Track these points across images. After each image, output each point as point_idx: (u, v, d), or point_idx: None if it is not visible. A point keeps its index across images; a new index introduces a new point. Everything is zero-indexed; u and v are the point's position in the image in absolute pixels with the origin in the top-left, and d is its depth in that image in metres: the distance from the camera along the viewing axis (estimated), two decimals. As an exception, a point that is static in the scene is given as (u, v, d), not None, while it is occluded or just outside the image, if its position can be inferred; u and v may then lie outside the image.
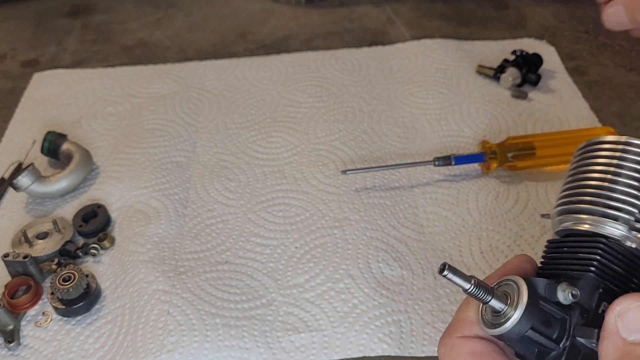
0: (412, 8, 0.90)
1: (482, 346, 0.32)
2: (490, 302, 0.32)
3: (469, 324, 0.33)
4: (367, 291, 0.51)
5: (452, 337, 0.33)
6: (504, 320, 0.31)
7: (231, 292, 0.51)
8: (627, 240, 0.34)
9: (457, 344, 0.33)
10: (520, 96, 0.71)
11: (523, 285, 0.32)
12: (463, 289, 0.31)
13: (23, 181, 0.57)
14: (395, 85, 0.73)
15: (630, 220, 0.34)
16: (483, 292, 0.31)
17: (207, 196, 0.60)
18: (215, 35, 0.86)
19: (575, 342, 0.31)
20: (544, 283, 0.32)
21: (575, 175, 0.36)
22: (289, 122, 0.69)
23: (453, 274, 0.31)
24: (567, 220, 0.36)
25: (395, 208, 0.58)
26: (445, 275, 0.31)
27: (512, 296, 0.32)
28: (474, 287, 0.31)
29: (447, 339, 0.34)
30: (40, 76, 0.78)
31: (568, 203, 0.36)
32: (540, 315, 0.31)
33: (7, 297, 0.51)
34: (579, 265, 0.34)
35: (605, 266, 0.33)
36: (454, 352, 0.33)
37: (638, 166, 0.34)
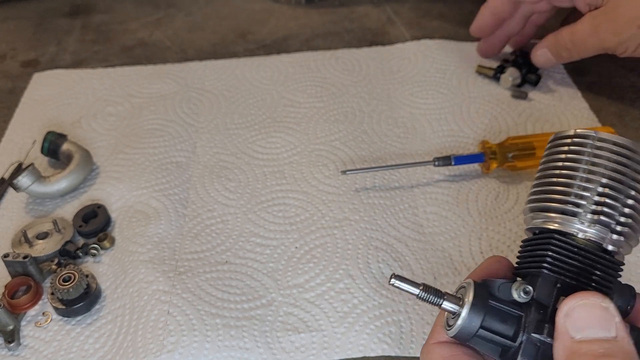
0: (412, 8, 0.90)
1: (452, 350, 0.34)
2: (443, 305, 0.33)
3: (441, 329, 0.35)
4: (367, 291, 0.51)
5: (428, 344, 0.36)
6: (457, 318, 0.33)
7: (231, 293, 0.51)
8: (581, 233, 0.34)
9: (431, 350, 0.35)
10: (520, 96, 0.71)
11: (470, 285, 0.33)
12: (414, 295, 0.33)
13: (23, 181, 0.58)
14: (395, 85, 0.73)
15: (583, 214, 0.34)
16: (433, 296, 0.33)
17: (207, 196, 0.60)
18: (215, 35, 0.86)
19: (532, 338, 0.32)
20: (499, 283, 0.33)
21: (539, 171, 0.37)
22: (289, 122, 0.69)
23: (401, 282, 0.33)
24: (528, 218, 0.37)
25: (395, 208, 0.58)
26: (393, 284, 0.33)
27: (463, 297, 0.33)
28: (423, 292, 0.33)
29: (425, 347, 0.36)
30: (40, 76, 0.78)
31: (530, 201, 0.37)
32: (492, 314, 0.32)
33: (7, 297, 0.51)
34: (536, 262, 0.34)
35: (559, 261, 0.33)
36: (428, 358, 0.35)
37: (588, 158, 0.34)
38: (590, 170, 0.34)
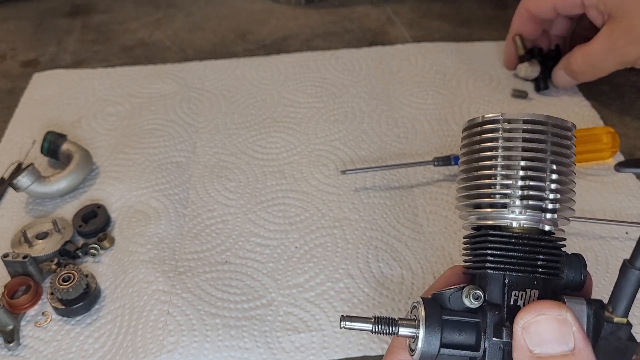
0: (412, 8, 0.90)
1: None
2: (400, 332, 0.32)
3: (397, 349, 0.35)
4: (367, 291, 0.51)
5: None
6: (416, 344, 0.31)
7: (231, 292, 0.51)
8: (515, 222, 0.32)
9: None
10: (520, 95, 0.71)
11: (420, 304, 0.32)
12: (367, 331, 0.32)
13: (23, 181, 0.57)
14: (395, 85, 0.73)
15: (511, 203, 0.32)
16: (387, 326, 0.32)
17: (207, 196, 0.60)
18: (215, 36, 0.86)
19: (494, 343, 0.31)
20: (449, 293, 0.32)
21: (459, 165, 0.35)
22: (288, 122, 0.69)
23: (351, 322, 0.32)
24: (463, 215, 0.35)
25: (395, 208, 0.58)
26: (344, 326, 0.32)
27: (417, 318, 0.32)
28: (376, 325, 0.32)
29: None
30: (40, 76, 0.78)
31: (459, 199, 0.35)
32: (449, 328, 0.31)
33: (6, 297, 0.51)
34: (479, 262, 0.33)
35: (501, 257, 0.32)
36: None
37: (502, 143, 0.32)
38: (507, 155, 0.32)
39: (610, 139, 0.60)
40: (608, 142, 0.60)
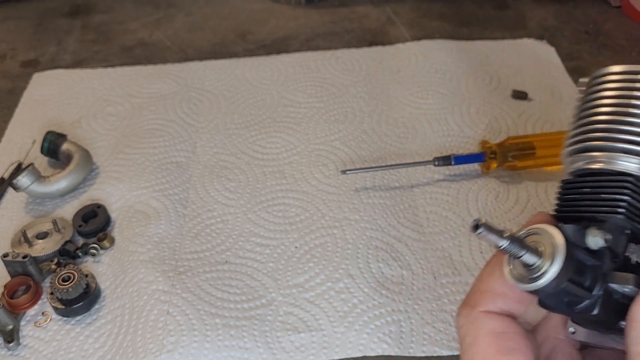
0: (412, 8, 0.90)
1: (505, 325, 0.30)
2: (523, 257, 0.29)
3: (493, 296, 0.31)
4: (367, 291, 0.51)
5: (474, 310, 0.31)
6: (539, 275, 0.29)
7: (231, 292, 0.51)
8: None
9: (479, 319, 0.31)
10: (520, 96, 0.71)
11: (558, 236, 0.29)
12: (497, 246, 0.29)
13: (23, 181, 0.57)
14: (395, 85, 0.73)
15: None
16: (517, 247, 0.29)
17: (207, 196, 0.60)
18: (215, 36, 0.86)
19: (608, 289, 0.29)
20: (573, 229, 0.30)
21: (585, 110, 0.33)
22: (289, 122, 0.69)
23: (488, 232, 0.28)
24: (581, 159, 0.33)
25: (395, 208, 0.58)
26: (479, 233, 0.28)
27: (545, 248, 0.29)
28: (509, 243, 0.29)
29: (468, 310, 0.31)
30: (40, 76, 0.78)
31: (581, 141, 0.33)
32: (574, 265, 0.29)
33: (6, 297, 0.51)
34: (604, 207, 0.31)
35: (634, 207, 0.30)
36: (474, 328, 0.31)
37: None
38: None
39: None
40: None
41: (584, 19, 0.85)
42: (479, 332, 0.30)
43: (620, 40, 0.80)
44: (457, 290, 0.51)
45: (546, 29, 0.84)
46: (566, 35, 0.82)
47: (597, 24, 0.84)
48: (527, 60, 0.77)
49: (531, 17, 0.86)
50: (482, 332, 0.30)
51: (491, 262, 0.32)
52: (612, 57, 0.78)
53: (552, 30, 0.83)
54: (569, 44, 0.80)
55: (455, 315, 0.32)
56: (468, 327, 0.31)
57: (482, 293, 0.31)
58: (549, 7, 0.89)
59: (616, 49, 0.79)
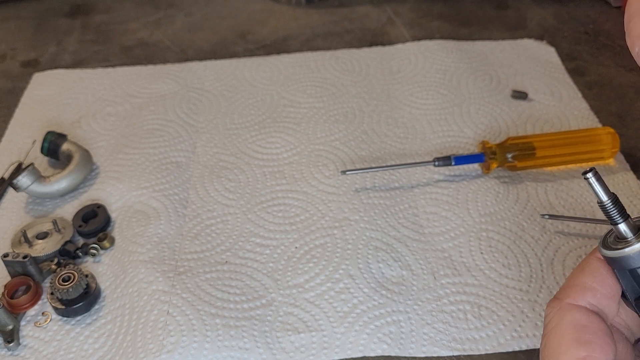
0: (412, 8, 0.90)
1: (588, 319, 0.31)
2: (620, 225, 0.30)
3: (582, 290, 0.32)
4: (367, 291, 0.51)
5: (562, 301, 0.32)
6: (625, 245, 0.30)
7: (231, 293, 0.51)
8: None
9: (564, 309, 0.31)
10: (520, 97, 0.71)
11: None
12: (599, 200, 0.30)
13: (23, 181, 0.57)
14: (395, 85, 0.73)
15: None
16: (617, 211, 0.30)
17: (207, 196, 0.60)
18: (215, 36, 0.86)
19: None
20: None
21: None
22: (288, 122, 0.69)
23: (597, 181, 0.29)
24: None
25: (395, 208, 0.58)
26: (588, 178, 0.29)
27: None
28: (612, 203, 0.30)
29: (556, 302, 0.32)
30: (40, 76, 0.78)
31: None
32: None
33: (6, 297, 0.51)
34: None
35: None
36: (559, 316, 0.31)
37: None
38: None
39: (610, 139, 0.60)
40: (608, 142, 0.60)
41: (584, 20, 0.85)
42: (561, 320, 0.31)
43: (620, 41, 0.80)
44: (457, 290, 0.51)
45: (546, 29, 0.84)
46: (566, 35, 0.82)
47: (598, 24, 0.84)
48: (527, 60, 0.77)
49: (531, 17, 0.86)
50: (564, 321, 0.31)
51: (583, 261, 0.33)
52: (612, 57, 0.78)
53: (552, 31, 0.83)
54: (569, 44, 0.80)
55: (546, 307, 0.33)
56: (553, 315, 0.32)
57: (572, 287, 0.32)
58: (549, 7, 0.89)
59: (616, 49, 0.79)
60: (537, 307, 0.49)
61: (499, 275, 0.52)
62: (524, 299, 0.50)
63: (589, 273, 0.32)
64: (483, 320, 0.48)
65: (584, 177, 0.30)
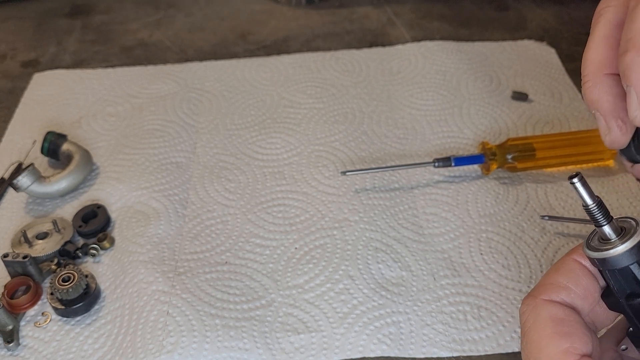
0: (412, 9, 0.90)
1: (565, 313, 0.31)
2: (604, 227, 0.31)
3: (556, 288, 0.32)
4: (367, 292, 0.51)
5: (536, 298, 0.32)
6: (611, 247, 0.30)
7: (231, 293, 0.51)
8: None
9: (539, 306, 0.32)
10: (520, 98, 0.71)
11: None
12: (584, 204, 0.31)
13: (23, 181, 0.57)
14: (396, 86, 0.73)
15: None
16: (602, 214, 0.31)
17: (206, 197, 0.60)
18: (215, 36, 0.86)
19: None
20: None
21: None
22: (288, 123, 0.69)
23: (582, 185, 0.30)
24: None
25: (395, 209, 0.58)
26: (574, 183, 0.30)
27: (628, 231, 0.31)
28: (596, 206, 0.31)
29: (530, 299, 0.32)
30: (40, 76, 0.78)
31: None
32: None
33: (6, 297, 0.51)
34: None
35: None
36: (535, 313, 0.32)
37: None
38: None
39: (610, 140, 0.60)
40: (608, 143, 0.60)
41: (584, 21, 0.85)
42: (538, 317, 0.31)
43: (620, 42, 0.80)
44: (456, 291, 0.51)
45: (546, 30, 0.84)
46: (566, 36, 0.82)
47: (597, 25, 0.84)
48: (527, 61, 0.77)
49: (531, 18, 0.86)
50: (541, 317, 0.31)
51: (558, 261, 0.33)
52: (612, 58, 0.78)
53: (552, 32, 0.83)
54: (570, 46, 0.80)
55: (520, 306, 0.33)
56: (529, 313, 0.32)
57: (546, 285, 0.33)
58: (550, 8, 0.89)
59: (616, 50, 0.79)
60: (536, 308, 0.49)
61: (499, 276, 0.52)
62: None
63: (564, 273, 0.32)
64: (483, 321, 0.48)
65: (570, 181, 0.30)
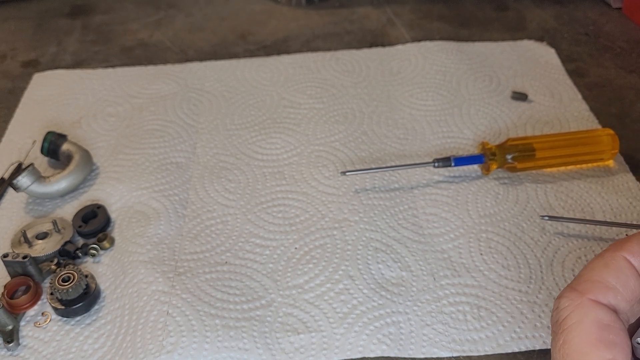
0: (412, 9, 0.90)
1: (611, 319, 0.30)
2: None
3: (605, 288, 0.30)
4: (367, 292, 0.51)
5: (582, 296, 0.30)
6: None
7: (230, 293, 0.51)
8: None
9: (586, 306, 0.30)
10: (520, 98, 0.71)
11: None
12: None
13: (23, 181, 0.57)
14: (395, 86, 0.73)
15: None
16: None
17: (206, 197, 0.60)
18: (215, 36, 0.86)
19: None
20: None
21: None
22: (288, 123, 0.69)
23: None
24: None
25: (395, 209, 0.58)
26: None
27: None
28: None
29: (575, 295, 0.31)
30: (40, 76, 0.78)
31: None
32: None
33: (6, 297, 0.51)
34: None
35: None
36: (580, 312, 0.30)
37: None
38: None
39: (610, 140, 0.60)
40: (608, 144, 0.60)
41: (584, 21, 0.85)
42: (584, 317, 0.30)
43: (620, 42, 0.80)
44: (456, 291, 0.51)
45: (546, 30, 0.84)
46: (566, 36, 0.82)
47: (598, 25, 0.84)
48: (527, 61, 0.77)
49: (531, 18, 0.87)
50: (588, 319, 0.30)
51: (606, 253, 0.32)
52: (613, 59, 0.78)
53: (552, 32, 0.83)
54: (569, 46, 0.80)
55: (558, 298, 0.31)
56: (573, 309, 0.30)
57: (594, 283, 0.31)
58: (549, 8, 0.89)
59: (616, 50, 0.79)
60: (536, 308, 0.49)
61: (499, 276, 0.52)
62: (523, 300, 0.50)
63: (613, 272, 0.30)
64: (482, 322, 0.48)
65: None
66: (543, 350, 0.47)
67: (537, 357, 0.46)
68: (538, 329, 0.48)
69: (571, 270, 0.52)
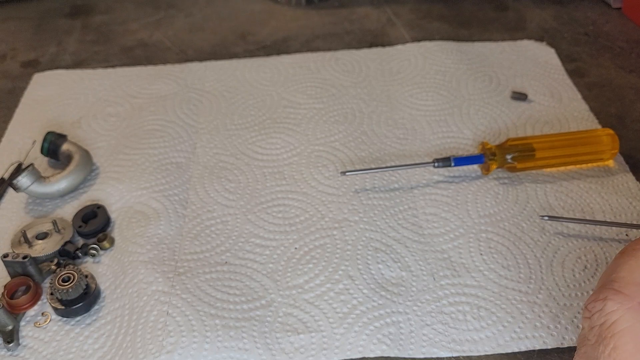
0: (412, 9, 0.90)
1: None
2: None
3: None
4: (367, 292, 0.51)
5: (632, 300, 0.30)
6: None
7: (230, 293, 0.51)
8: None
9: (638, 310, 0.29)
10: (520, 98, 0.71)
11: None
12: None
13: (23, 181, 0.57)
14: (395, 86, 0.74)
15: None
16: None
17: (206, 197, 0.60)
18: (215, 36, 0.86)
19: None
20: None
21: None
22: (288, 123, 0.69)
23: None
24: None
25: (395, 209, 0.58)
26: None
27: None
28: None
29: (625, 300, 0.30)
30: (40, 76, 0.78)
31: None
32: None
33: (6, 298, 0.51)
34: None
35: None
36: (631, 317, 0.29)
37: None
38: None
39: (610, 140, 0.60)
40: (608, 143, 0.60)
41: (583, 21, 0.85)
42: (637, 323, 0.29)
43: (620, 42, 0.80)
44: (456, 291, 0.51)
45: (546, 30, 0.84)
46: (566, 36, 0.82)
47: (597, 25, 0.84)
48: (526, 61, 0.77)
49: (531, 18, 0.87)
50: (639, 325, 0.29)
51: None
52: (612, 58, 0.78)
53: (551, 32, 0.83)
54: (569, 46, 0.80)
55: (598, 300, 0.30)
56: (624, 312, 0.30)
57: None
58: (549, 8, 0.89)
59: (616, 50, 0.79)
60: (536, 308, 0.49)
61: (498, 276, 0.52)
62: (523, 300, 0.50)
63: None
64: (482, 322, 0.48)
65: None
66: (543, 350, 0.47)
67: (537, 357, 0.46)
68: (538, 329, 0.48)
69: (571, 270, 0.52)
